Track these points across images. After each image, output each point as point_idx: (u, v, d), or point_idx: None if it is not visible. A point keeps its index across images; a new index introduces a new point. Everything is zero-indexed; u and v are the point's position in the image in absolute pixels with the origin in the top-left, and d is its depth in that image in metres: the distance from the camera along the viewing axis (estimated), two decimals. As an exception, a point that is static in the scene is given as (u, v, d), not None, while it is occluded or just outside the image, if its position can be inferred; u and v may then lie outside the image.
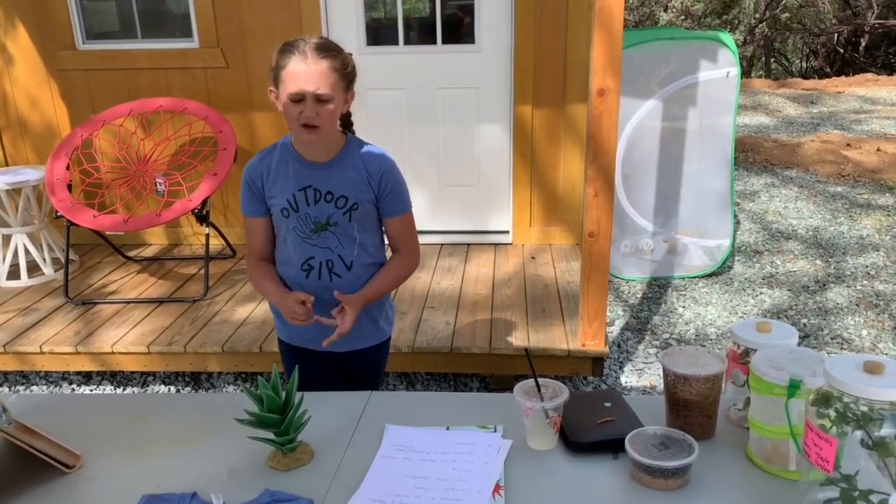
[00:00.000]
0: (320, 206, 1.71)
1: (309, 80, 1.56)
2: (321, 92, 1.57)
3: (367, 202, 1.73)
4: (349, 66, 1.64)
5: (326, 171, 1.71)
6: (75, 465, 1.30)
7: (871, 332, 3.46)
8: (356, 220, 1.73)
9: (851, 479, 1.00)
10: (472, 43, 3.93)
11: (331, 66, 1.58)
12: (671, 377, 1.29)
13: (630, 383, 3.15)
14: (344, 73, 1.61)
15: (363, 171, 1.72)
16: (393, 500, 1.18)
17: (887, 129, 7.26)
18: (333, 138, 1.71)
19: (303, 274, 1.77)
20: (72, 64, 4.06)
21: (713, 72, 3.86)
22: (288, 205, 1.71)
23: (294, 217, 1.72)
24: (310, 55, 1.56)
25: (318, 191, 1.71)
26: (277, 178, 1.72)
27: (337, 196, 1.70)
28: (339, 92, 1.61)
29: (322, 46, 1.59)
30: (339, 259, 1.75)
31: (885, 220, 4.82)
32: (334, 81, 1.59)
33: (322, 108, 1.59)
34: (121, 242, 4.17)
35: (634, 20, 13.57)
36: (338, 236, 1.74)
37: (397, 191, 1.77)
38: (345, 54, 1.64)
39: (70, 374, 3.35)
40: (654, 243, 4.10)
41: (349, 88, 1.66)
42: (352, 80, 1.66)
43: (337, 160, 1.72)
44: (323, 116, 1.59)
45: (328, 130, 1.64)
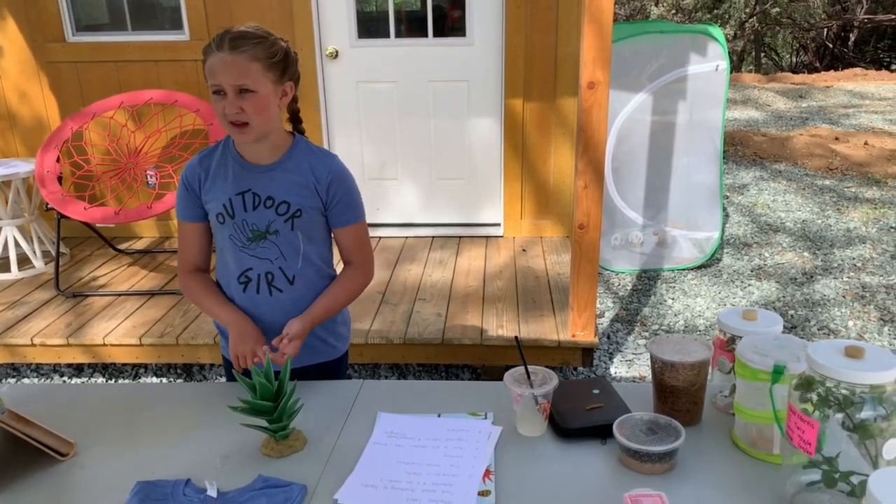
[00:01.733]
0: (259, 212, 1.56)
1: (226, 72, 1.43)
2: (239, 83, 1.44)
3: (312, 209, 1.57)
4: (277, 53, 1.49)
5: (268, 175, 1.56)
6: (69, 453, 1.31)
7: (858, 323, 3.51)
8: (299, 229, 1.57)
9: (833, 462, 1.02)
10: (463, 36, 3.94)
11: (251, 55, 1.44)
12: (658, 364, 1.31)
13: (620, 374, 3.18)
14: (270, 62, 1.47)
15: (310, 176, 1.56)
16: (385, 485, 1.20)
17: (875, 124, 7.32)
18: (275, 138, 1.56)
19: (239, 287, 1.61)
20: (61, 56, 4.04)
21: (703, 65, 3.89)
22: (224, 210, 1.56)
23: (230, 224, 1.57)
24: (226, 45, 1.44)
25: (257, 195, 1.55)
26: (216, 180, 1.58)
27: (278, 202, 1.55)
28: (265, 83, 1.47)
29: (241, 35, 1.46)
30: (279, 272, 1.59)
31: (871, 213, 4.87)
32: (257, 71, 1.45)
33: (246, 101, 1.45)
34: (111, 235, 4.16)
35: (626, 14, 13.60)
36: (279, 246, 1.58)
37: (348, 199, 1.59)
38: (272, 40, 1.49)
39: (61, 366, 3.35)
40: (644, 236, 4.13)
41: (283, 79, 1.52)
42: (285, 69, 1.52)
43: (281, 162, 1.57)
44: (249, 110, 1.46)
45: (261, 127, 1.49)
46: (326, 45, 3.98)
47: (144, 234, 4.36)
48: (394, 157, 4.18)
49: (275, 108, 1.52)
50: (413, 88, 4.05)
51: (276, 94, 1.51)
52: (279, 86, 1.51)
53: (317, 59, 3.95)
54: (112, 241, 4.08)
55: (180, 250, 1.66)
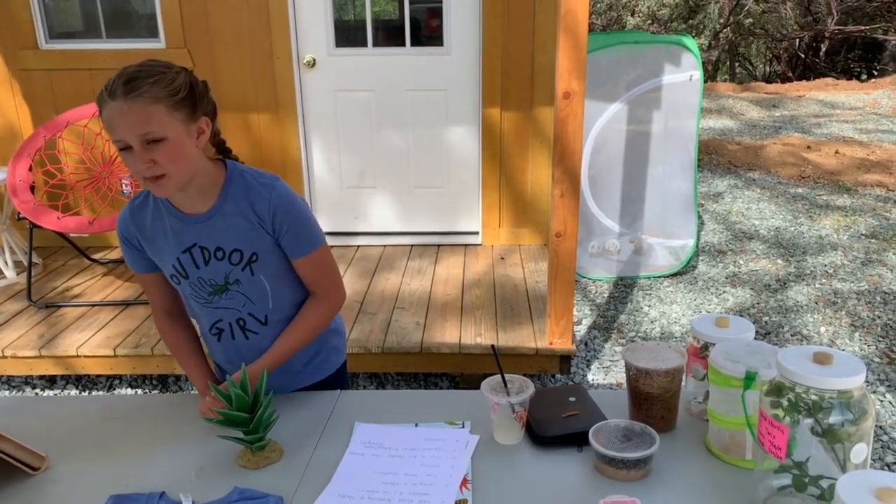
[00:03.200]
0: (212, 266, 1.43)
1: (125, 122, 1.25)
2: (143, 132, 1.25)
3: (267, 250, 1.44)
4: (181, 89, 1.30)
5: (209, 224, 1.41)
6: (41, 467, 1.29)
7: (829, 329, 3.56)
8: (261, 272, 1.45)
9: (803, 466, 1.04)
10: (440, 45, 3.96)
11: (151, 97, 1.26)
12: (633, 371, 1.32)
13: (597, 381, 3.20)
14: (174, 100, 1.28)
15: (251, 215, 1.40)
16: (362, 495, 1.19)
17: (845, 133, 7.47)
18: (201, 181, 1.38)
19: (213, 337, 1.54)
20: (34, 64, 4.00)
21: (677, 75, 3.94)
22: (175, 271, 1.45)
23: (186, 284, 1.46)
24: (120, 91, 1.25)
25: (205, 249, 1.42)
26: (155, 239, 1.45)
27: (229, 251, 1.42)
28: (173, 125, 1.28)
29: (134, 76, 1.27)
30: (250, 317, 1.50)
31: (842, 221, 4.96)
32: (161, 114, 1.26)
33: (156, 151, 1.27)
34: (86, 245, 4.11)
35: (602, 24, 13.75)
36: (244, 293, 1.46)
37: (296, 229, 1.43)
38: (172, 74, 1.30)
39: (33, 378, 3.30)
40: (621, 244, 4.17)
41: (195, 115, 1.33)
42: (195, 104, 1.33)
43: (218, 206, 1.40)
44: (162, 161, 1.27)
45: (180, 175, 1.32)
46: (304, 53, 3.98)
47: (119, 244, 4.30)
48: (372, 166, 4.18)
49: (192, 150, 1.33)
50: (391, 97, 4.06)
51: (190, 134, 1.32)
52: (191, 125, 1.32)
53: (294, 67, 3.95)
54: (86, 251, 4.03)
55: (148, 297, 1.57)
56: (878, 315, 3.67)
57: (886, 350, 3.36)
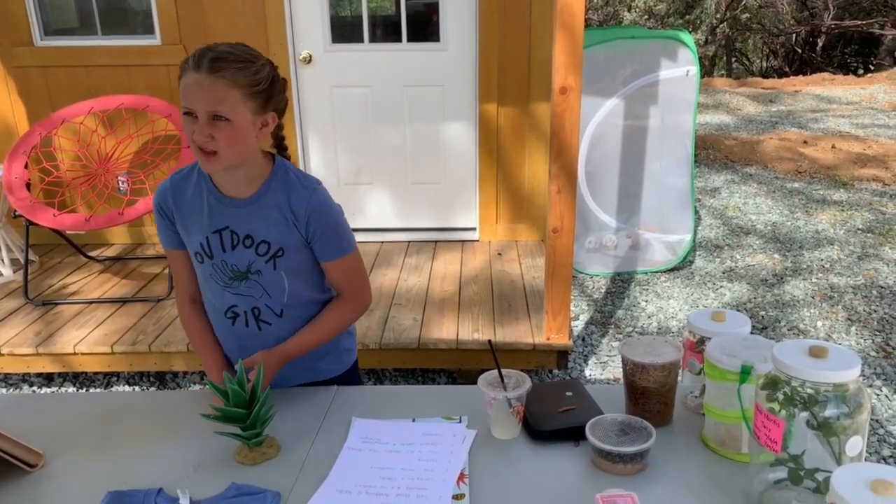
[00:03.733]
0: (238, 252, 1.45)
1: (200, 95, 1.29)
2: (213, 109, 1.30)
3: (294, 247, 1.46)
4: (262, 81, 1.34)
5: (246, 210, 1.44)
6: (38, 464, 1.29)
7: (826, 324, 3.57)
8: (283, 268, 1.47)
9: (798, 459, 1.04)
10: (437, 41, 3.95)
11: (231, 80, 1.30)
12: (629, 366, 1.32)
13: (594, 376, 3.21)
14: (252, 90, 1.33)
15: (287, 212, 1.43)
16: (359, 490, 1.20)
17: (842, 127, 7.47)
18: (251, 169, 1.42)
19: (227, 322, 1.54)
20: (29, 61, 3.98)
21: (673, 70, 3.94)
22: (201, 249, 1.47)
23: (208, 264, 1.48)
24: (205, 65, 1.29)
25: (235, 234, 1.44)
26: (191, 214, 1.47)
27: (257, 241, 1.44)
28: (243, 112, 1.32)
29: (224, 56, 1.30)
30: (266, 307, 1.51)
31: (839, 215, 4.97)
32: (235, 98, 1.31)
33: (218, 129, 1.31)
34: (82, 242, 4.10)
35: (599, 19, 13.74)
36: (262, 285, 1.48)
37: (330, 234, 1.47)
38: (257, 66, 1.34)
39: (30, 376, 3.29)
40: (618, 239, 4.18)
41: (266, 109, 1.37)
42: (269, 98, 1.37)
43: (258, 196, 1.44)
44: (220, 140, 1.31)
45: (231, 159, 1.36)
46: (300, 50, 3.97)
47: (116, 241, 4.30)
48: (369, 162, 4.17)
49: (251, 139, 1.37)
50: (388, 93, 4.05)
51: (255, 124, 1.37)
52: (259, 116, 1.37)
53: (290, 64, 3.94)
54: (83, 248, 4.02)
55: (174, 278, 1.60)
56: (874, 309, 3.68)
57: (882, 344, 3.37)
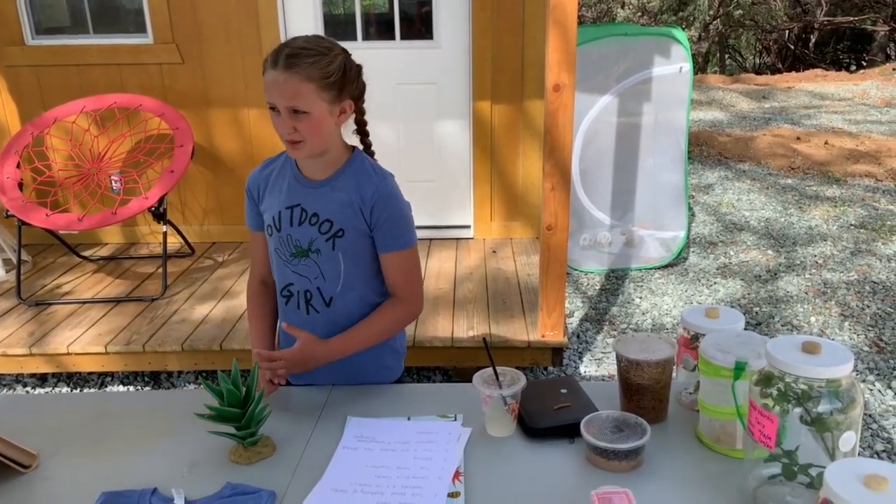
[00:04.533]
0: (304, 228, 1.53)
1: (279, 92, 1.40)
2: (291, 104, 1.40)
3: (355, 230, 1.51)
4: (333, 73, 1.42)
5: (318, 191, 1.52)
6: (31, 465, 1.28)
7: (819, 319, 3.59)
8: (340, 250, 1.51)
9: (792, 455, 1.05)
10: (430, 38, 3.95)
11: (305, 75, 1.38)
12: (624, 362, 1.33)
13: (589, 373, 3.21)
14: (325, 82, 1.41)
15: (355, 195, 1.50)
16: (354, 489, 1.20)
17: (835, 124, 7.50)
18: (332, 154, 1.52)
19: (283, 300, 1.61)
20: (20, 60, 3.96)
21: (666, 67, 3.95)
22: (273, 222, 1.55)
23: (276, 237, 1.56)
24: (281, 62, 1.39)
25: (304, 211, 1.53)
26: (273, 191, 1.57)
27: (322, 219, 1.51)
28: (318, 104, 1.41)
29: (297, 52, 1.40)
30: (317, 292, 1.55)
31: (832, 211, 4.99)
32: (310, 92, 1.39)
33: (299, 121, 1.41)
34: (75, 242, 4.08)
35: (592, 16, 13.75)
36: (319, 265, 1.53)
37: (393, 223, 1.52)
38: (330, 58, 1.43)
39: (24, 376, 3.28)
40: (612, 236, 4.18)
41: (341, 98, 1.46)
42: (343, 87, 1.45)
43: (332, 179, 1.52)
44: (303, 131, 1.42)
45: (316, 146, 1.46)
46: (293, 48, 3.95)
47: (109, 241, 4.28)
48: (363, 160, 4.16)
49: (331, 127, 1.47)
50: (381, 91, 4.04)
51: (333, 113, 1.45)
52: (335, 105, 1.45)
53: (284, 62, 3.93)
54: (76, 248, 4.01)
55: (251, 259, 1.68)
56: (867, 304, 3.70)
57: (875, 339, 3.38)
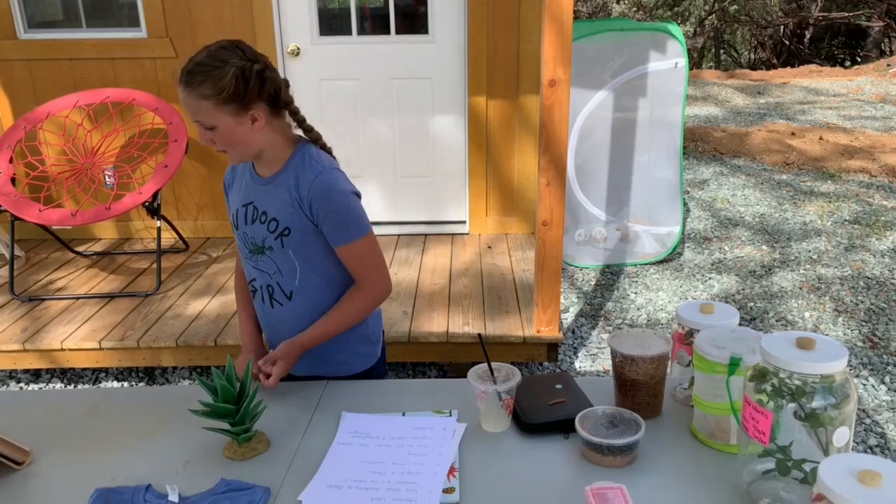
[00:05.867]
0: (256, 226, 1.54)
1: (185, 109, 1.41)
2: (197, 120, 1.41)
3: (300, 228, 1.50)
4: (226, 87, 1.36)
5: (266, 189, 1.53)
6: (25, 462, 1.28)
7: (814, 314, 3.60)
8: (290, 247, 1.52)
9: (786, 450, 1.05)
10: (426, 33, 3.94)
11: (200, 93, 1.37)
12: (619, 358, 1.33)
13: (584, 368, 3.22)
14: (221, 97, 1.37)
15: (294, 191, 1.48)
16: (349, 485, 1.19)
17: (829, 119, 7.51)
18: (270, 153, 1.51)
19: (252, 294, 1.66)
20: (13, 54, 3.94)
21: (662, 62, 3.94)
22: (233, 219, 1.60)
23: (237, 234, 1.60)
24: (182, 81, 1.38)
25: (256, 209, 1.54)
26: (235, 188, 1.61)
27: (269, 218, 1.52)
28: (222, 118, 1.39)
29: (192, 70, 1.38)
30: (278, 287, 1.58)
31: (826, 207, 5.00)
32: (209, 109, 1.38)
33: (213, 134, 1.42)
34: (69, 237, 4.07)
35: (588, 11, 13.73)
36: (275, 262, 1.55)
37: (334, 217, 1.48)
38: (220, 73, 1.36)
39: (17, 372, 3.27)
40: (607, 231, 4.18)
41: (246, 107, 1.40)
42: (243, 97, 1.39)
43: (277, 176, 1.51)
44: (219, 143, 1.43)
45: (241, 153, 1.47)
46: (288, 42, 3.94)
47: (103, 236, 4.27)
48: (357, 156, 4.16)
49: (245, 135, 1.44)
50: (376, 86, 4.03)
51: (242, 124, 1.42)
52: (241, 116, 1.41)
53: (278, 56, 3.91)
54: (69, 244, 3.99)
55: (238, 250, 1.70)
56: (861, 300, 3.71)
57: (869, 334, 3.39)
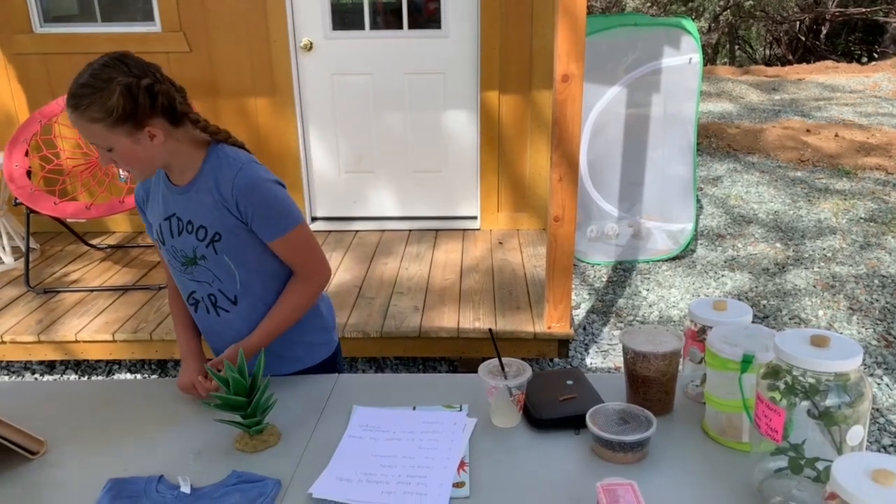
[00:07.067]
0: (184, 238, 1.47)
1: (80, 132, 1.34)
2: (93, 142, 1.34)
3: (230, 231, 1.44)
4: (115, 108, 1.29)
5: (185, 197, 1.45)
6: (39, 452, 1.29)
7: (828, 313, 3.57)
8: (224, 252, 1.46)
9: (799, 448, 1.04)
10: (438, 28, 3.93)
11: (86, 117, 1.30)
12: (631, 354, 1.32)
13: (595, 364, 3.21)
14: (111, 119, 1.30)
15: (216, 193, 1.42)
16: (359, 478, 1.20)
17: (845, 116, 7.44)
18: (180, 162, 1.44)
19: (191, 307, 1.58)
20: (29, 48, 3.97)
21: (676, 58, 3.92)
22: (157, 236, 1.52)
23: (164, 249, 1.52)
24: (70, 104, 1.31)
25: (180, 220, 1.47)
26: (152, 202, 1.53)
27: (196, 226, 1.45)
28: (117, 139, 1.33)
29: (76, 93, 1.30)
30: (220, 294, 1.52)
31: (841, 204, 4.96)
32: (101, 131, 1.31)
33: (112, 155, 1.36)
34: (83, 230, 4.10)
35: (601, 7, 13.66)
36: (211, 270, 1.49)
37: (263, 212, 1.42)
38: (107, 94, 1.28)
39: (33, 363, 3.30)
40: (619, 228, 4.17)
41: (141, 125, 1.33)
42: (135, 115, 1.31)
43: (194, 181, 1.44)
44: (121, 163, 1.37)
45: (146, 168, 1.41)
46: (301, 37, 3.95)
47: (117, 229, 4.30)
48: (370, 151, 4.16)
49: (148, 151, 1.37)
50: (389, 81, 4.03)
51: (139, 142, 1.35)
52: (137, 134, 1.34)
53: (291, 51, 3.92)
54: (84, 237, 4.02)
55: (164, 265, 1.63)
56: (875, 298, 3.67)
57: (884, 333, 3.36)
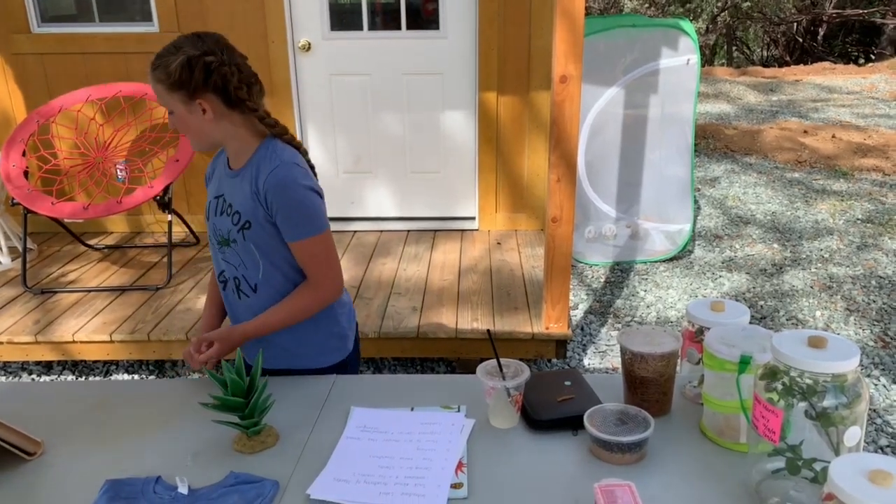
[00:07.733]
0: (223, 218, 1.56)
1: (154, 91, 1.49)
2: (162, 104, 1.48)
3: (259, 221, 1.50)
4: (172, 74, 1.41)
5: (234, 181, 1.54)
6: (36, 452, 1.29)
7: (825, 314, 3.58)
8: (251, 241, 1.52)
9: (796, 449, 1.05)
10: (437, 28, 3.93)
11: (154, 77, 1.44)
12: (628, 355, 1.32)
13: (593, 365, 3.21)
14: (169, 83, 1.42)
15: (254, 184, 1.48)
16: (357, 479, 1.20)
17: (842, 117, 7.45)
18: (234, 145, 1.53)
19: (221, 285, 1.65)
20: (26, 48, 3.96)
21: (674, 59, 3.92)
22: (207, 210, 1.62)
23: (209, 224, 1.62)
24: (150, 65, 1.46)
25: (225, 201, 1.55)
26: (214, 179, 1.64)
27: (233, 210, 1.53)
28: (175, 104, 1.45)
29: (156, 56, 1.45)
30: (243, 279, 1.58)
31: (839, 205, 4.97)
32: (163, 93, 1.45)
33: (174, 119, 1.49)
34: (81, 230, 4.09)
35: (599, 7, 13.67)
36: (240, 255, 1.55)
37: (287, 212, 1.47)
38: (167, 60, 1.42)
39: (29, 364, 3.30)
40: (617, 228, 4.17)
41: (193, 96, 1.44)
42: (189, 85, 1.42)
43: (243, 169, 1.53)
44: (177, 127, 1.49)
45: (198, 142, 1.51)
46: (299, 37, 3.94)
47: (114, 229, 4.29)
48: (368, 151, 4.16)
49: (199, 124, 1.47)
50: (387, 81, 4.03)
51: (192, 112, 1.46)
52: (191, 104, 1.45)
53: (289, 51, 3.92)
54: (81, 237, 4.02)
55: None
56: (872, 299, 3.68)
57: (881, 334, 3.37)
